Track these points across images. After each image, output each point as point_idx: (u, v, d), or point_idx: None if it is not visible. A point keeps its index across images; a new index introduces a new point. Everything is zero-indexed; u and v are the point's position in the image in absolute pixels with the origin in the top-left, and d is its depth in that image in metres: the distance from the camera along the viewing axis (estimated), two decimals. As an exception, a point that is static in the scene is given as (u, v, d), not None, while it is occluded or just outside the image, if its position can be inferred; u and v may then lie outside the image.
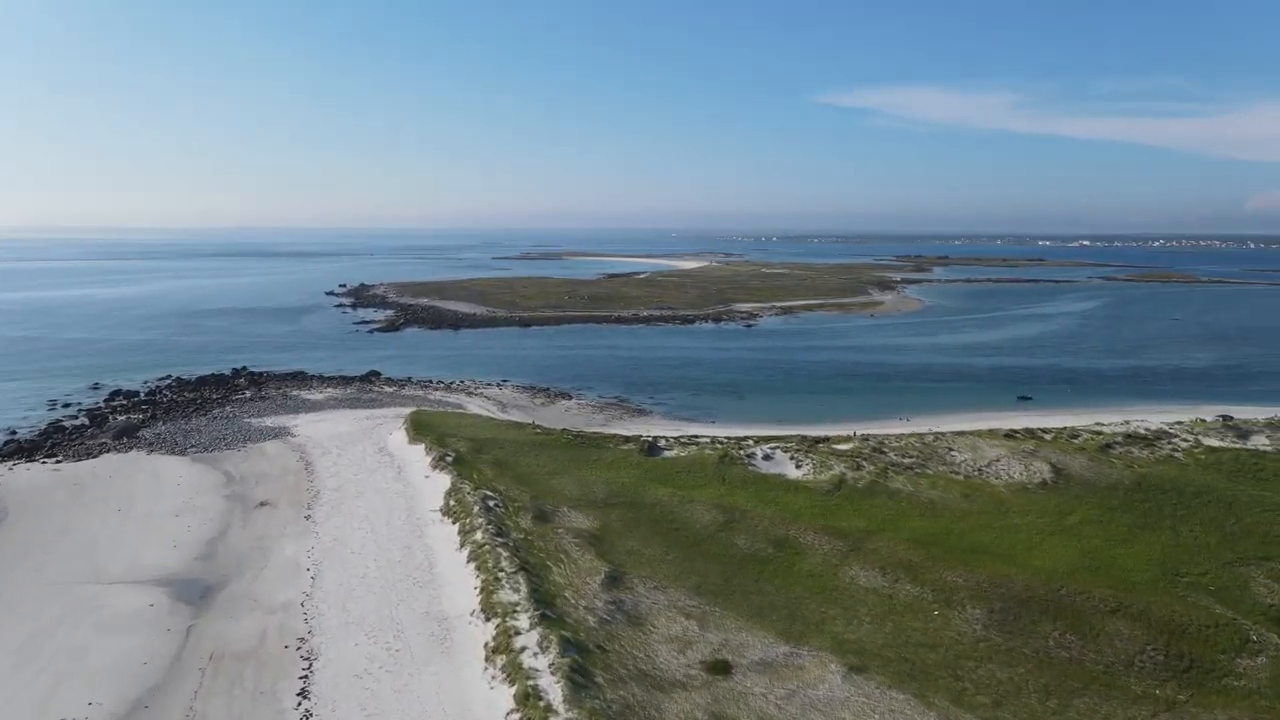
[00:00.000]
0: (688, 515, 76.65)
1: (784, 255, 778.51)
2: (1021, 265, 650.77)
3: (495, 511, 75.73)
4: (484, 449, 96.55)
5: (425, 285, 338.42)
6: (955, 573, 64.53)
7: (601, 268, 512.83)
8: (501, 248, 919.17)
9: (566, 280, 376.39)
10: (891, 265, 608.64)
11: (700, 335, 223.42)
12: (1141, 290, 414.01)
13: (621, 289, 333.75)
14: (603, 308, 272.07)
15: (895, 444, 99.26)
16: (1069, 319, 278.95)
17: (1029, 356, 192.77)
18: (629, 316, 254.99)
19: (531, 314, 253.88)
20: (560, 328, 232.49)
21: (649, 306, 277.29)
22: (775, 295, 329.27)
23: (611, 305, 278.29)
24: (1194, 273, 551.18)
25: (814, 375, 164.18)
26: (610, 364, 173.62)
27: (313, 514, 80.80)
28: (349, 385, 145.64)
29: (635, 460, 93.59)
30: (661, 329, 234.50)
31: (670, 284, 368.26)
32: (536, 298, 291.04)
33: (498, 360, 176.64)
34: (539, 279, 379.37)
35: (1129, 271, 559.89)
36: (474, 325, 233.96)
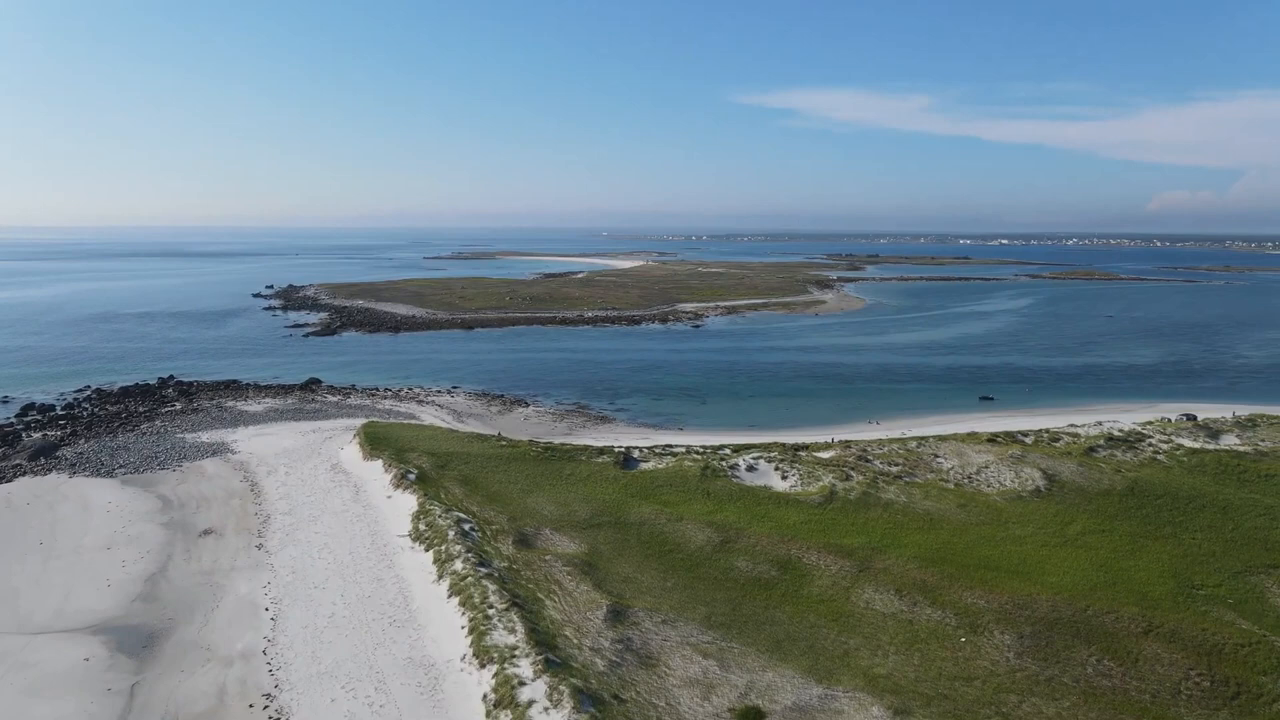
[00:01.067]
0: (679, 535, 71.57)
1: (717, 254, 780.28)
2: (949, 263, 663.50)
3: (472, 536, 69.48)
4: (448, 464, 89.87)
5: (359, 286, 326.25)
6: (974, 593, 60.85)
7: (537, 267, 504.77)
8: (431, 247, 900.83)
9: (505, 281, 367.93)
10: (825, 264, 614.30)
11: (650, 336, 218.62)
12: (1068, 288, 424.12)
13: (562, 289, 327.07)
14: (546, 309, 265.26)
15: (879, 451, 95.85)
16: (1009, 316, 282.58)
17: (982, 355, 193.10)
18: (574, 318, 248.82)
19: (474, 316, 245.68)
20: (506, 330, 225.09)
21: (593, 307, 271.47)
22: (717, 294, 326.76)
23: (555, 306, 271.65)
24: (1113, 270, 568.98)
25: (774, 377, 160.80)
26: (564, 368, 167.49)
27: (265, 542, 73.25)
28: (289, 395, 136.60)
29: (612, 474, 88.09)
30: (609, 330, 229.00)
31: (610, 284, 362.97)
32: (477, 299, 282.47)
33: (445, 365, 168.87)
34: (476, 279, 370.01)
35: (1053, 269, 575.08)
36: (414, 328, 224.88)
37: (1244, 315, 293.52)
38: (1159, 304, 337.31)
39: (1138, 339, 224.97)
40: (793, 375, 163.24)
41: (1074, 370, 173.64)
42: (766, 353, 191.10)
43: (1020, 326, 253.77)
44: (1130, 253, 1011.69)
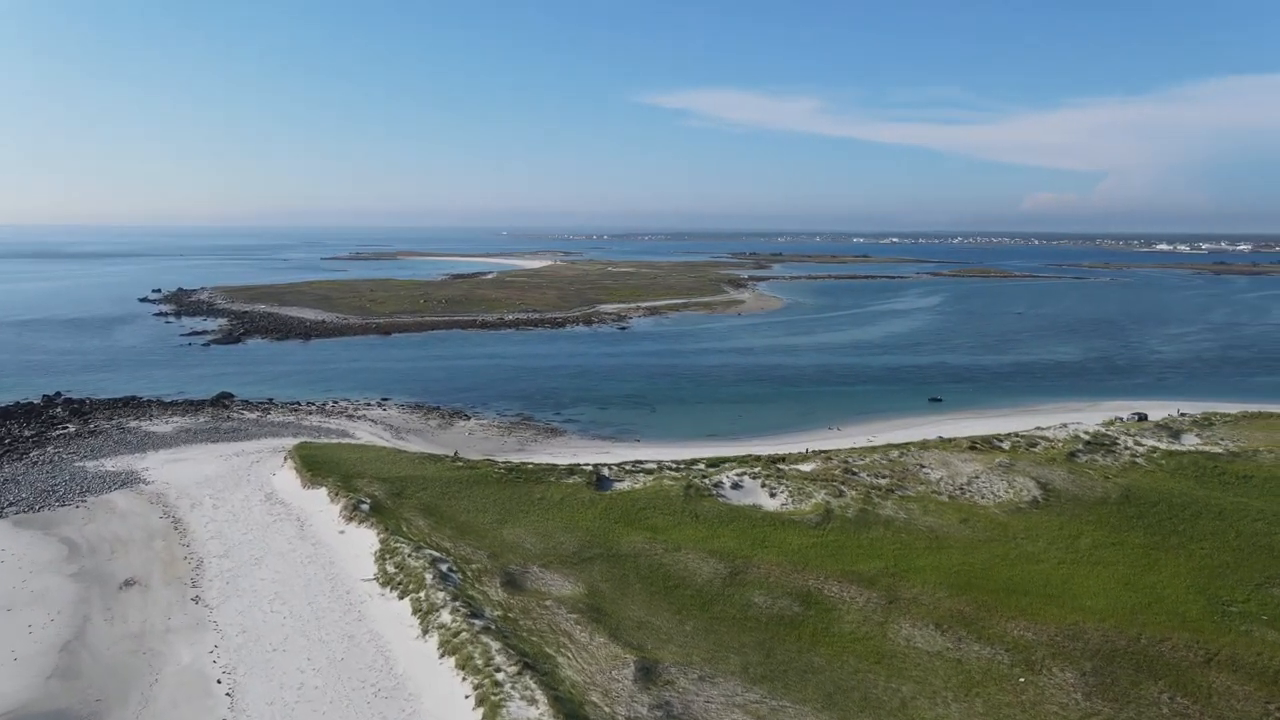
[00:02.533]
0: (682, 568, 64.94)
1: (623, 254, 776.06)
2: (850, 262, 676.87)
3: (452, 579, 61.15)
4: (404, 491, 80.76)
5: (258, 289, 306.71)
6: (1015, 624, 56.33)
7: (443, 268, 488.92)
8: (326, 247, 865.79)
9: (414, 282, 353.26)
10: (732, 263, 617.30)
11: (578, 339, 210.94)
12: (970, 285, 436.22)
13: (477, 291, 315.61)
14: (464, 311, 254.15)
15: (861, 462, 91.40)
16: (926, 314, 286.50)
17: (913, 354, 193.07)
18: (495, 321, 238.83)
19: (389, 320, 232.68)
20: (426, 335, 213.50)
21: (513, 309, 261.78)
22: (635, 295, 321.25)
23: (472, 309, 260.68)
24: (1006, 268, 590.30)
25: (718, 381, 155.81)
26: (497, 375, 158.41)
27: (202, 594, 63.03)
28: (199, 412, 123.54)
29: (587, 497, 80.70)
30: (534, 334, 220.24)
31: (524, 284, 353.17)
32: (388, 302, 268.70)
33: (368, 374, 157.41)
34: (383, 281, 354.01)
35: (951, 267, 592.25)
36: (327, 334, 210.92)
37: (1139, 311, 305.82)
38: (1058, 300, 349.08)
39: (1053, 336, 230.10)
40: (736, 379, 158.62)
41: (1006, 369, 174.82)
42: (702, 355, 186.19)
43: (940, 324, 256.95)
44: (1014, 250, 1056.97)
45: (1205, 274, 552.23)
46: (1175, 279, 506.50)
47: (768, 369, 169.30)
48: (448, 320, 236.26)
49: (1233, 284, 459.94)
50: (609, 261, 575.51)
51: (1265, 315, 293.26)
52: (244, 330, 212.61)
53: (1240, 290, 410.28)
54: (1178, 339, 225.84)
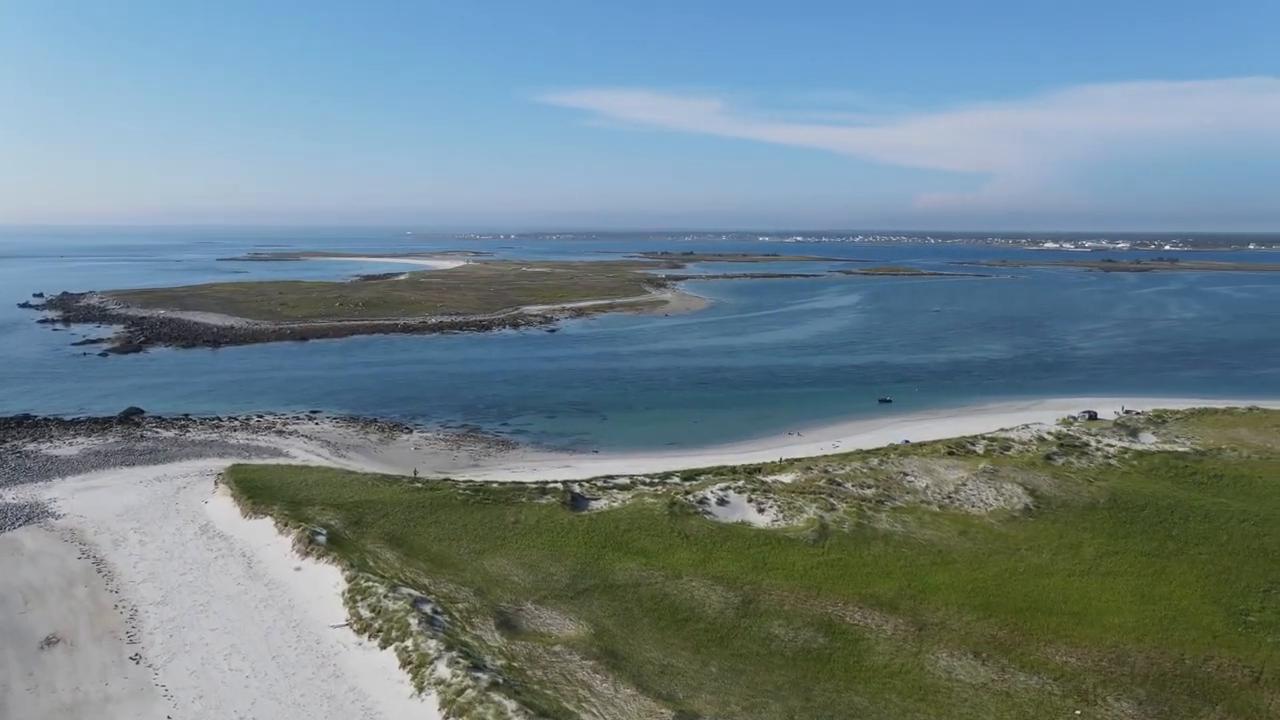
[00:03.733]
0: (688, 598, 59.83)
1: (535, 253, 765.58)
2: (761, 260, 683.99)
3: (439, 622, 54.47)
4: (362, 519, 73.14)
5: (155, 293, 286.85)
6: (1055, 648, 53.28)
7: (352, 269, 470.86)
8: (221, 248, 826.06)
9: (325, 284, 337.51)
10: (646, 262, 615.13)
11: (509, 343, 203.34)
12: (882, 283, 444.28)
13: (394, 293, 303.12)
14: (384, 315, 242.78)
15: (842, 471, 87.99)
16: (850, 313, 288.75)
17: (850, 354, 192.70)
18: (418, 324, 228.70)
19: (304, 325, 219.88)
20: (347, 341, 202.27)
21: (435, 312, 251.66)
22: (557, 296, 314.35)
23: (392, 312, 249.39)
24: (912, 266, 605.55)
25: (663, 386, 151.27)
26: (432, 383, 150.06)
27: (143, 651, 54.62)
28: (107, 431, 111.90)
29: (565, 519, 74.68)
30: (461, 338, 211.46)
31: (441, 286, 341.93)
32: (301, 306, 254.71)
33: (292, 384, 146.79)
34: (291, 283, 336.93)
35: (860, 266, 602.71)
36: (238, 341, 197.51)
37: (1047, 308, 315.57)
38: (970, 298, 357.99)
39: (977, 334, 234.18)
40: (681, 383, 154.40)
41: (944, 368, 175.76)
42: (641, 358, 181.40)
43: (866, 323, 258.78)
44: (914, 249, 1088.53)
45: (1096, 271, 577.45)
46: (1071, 276, 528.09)
47: (710, 371, 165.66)
48: (368, 324, 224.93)
49: (1124, 280, 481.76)
50: (523, 262, 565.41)
51: (1164, 310, 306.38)
52: (144, 338, 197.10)
53: (1133, 287, 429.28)
54: (1093, 335, 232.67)
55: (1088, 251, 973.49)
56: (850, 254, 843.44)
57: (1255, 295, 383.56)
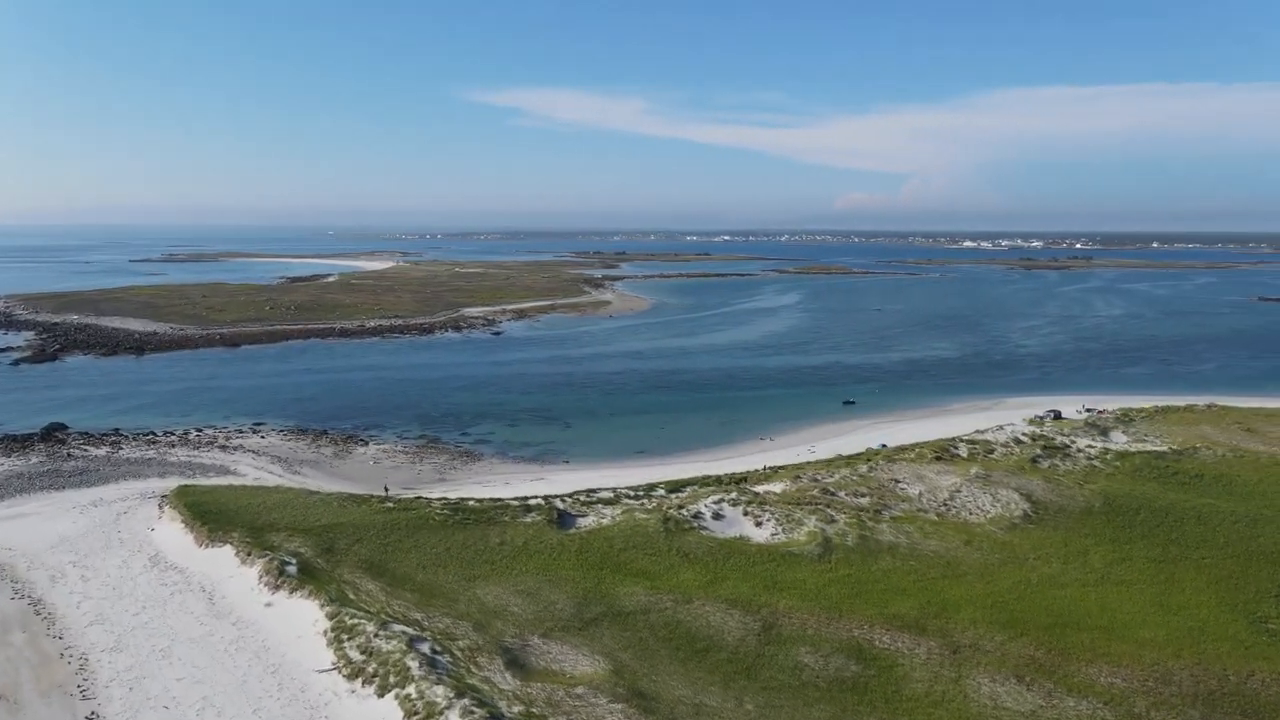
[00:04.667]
0: (703, 625, 55.89)
1: (465, 253, 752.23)
2: (694, 260, 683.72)
3: (441, 663, 49.37)
4: (334, 545, 67.17)
5: (66, 297, 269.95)
6: (1096, 668, 50.99)
7: (276, 270, 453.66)
8: (132, 248, 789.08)
9: (251, 286, 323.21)
10: (580, 262, 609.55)
11: (455, 348, 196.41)
12: (818, 282, 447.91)
13: (325, 295, 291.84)
14: (319, 318, 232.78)
15: (831, 479, 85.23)
16: (793, 313, 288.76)
17: (804, 355, 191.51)
18: (356, 328, 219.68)
19: (234, 330, 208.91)
20: (282, 346, 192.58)
21: (372, 315, 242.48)
22: (496, 297, 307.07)
23: (327, 315, 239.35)
24: (843, 264, 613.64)
25: (623, 390, 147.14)
26: (380, 390, 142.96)
27: (100, 710, 48.21)
28: (28, 450, 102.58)
29: (554, 539, 69.99)
30: (403, 342, 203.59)
31: (374, 288, 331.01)
32: (228, 309, 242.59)
33: (229, 394, 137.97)
34: (215, 285, 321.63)
35: (792, 265, 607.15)
36: (163, 347, 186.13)
37: (981, 305, 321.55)
38: (905, 296, 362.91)
39: (922, 332, 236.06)
40: (640, 387, 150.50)
41: (900, 368, 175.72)
42: (594, 361, 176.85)
43: (812, 322, 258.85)
44: (842, 248, 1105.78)
45: (1019, 270, 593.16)
46: (997, 274, 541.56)
47: (668, 374, 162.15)
48: (302, 329, 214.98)
49: (1046, 279, 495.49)
50: (455, 262, 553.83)
51: (1091, 308, 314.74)
52: (59, 345, 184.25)
53: (1057, 285, 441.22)
54: (1032, 333, 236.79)
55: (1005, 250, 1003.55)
56: (780, 253, 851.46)
57: (1171, 292, 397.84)
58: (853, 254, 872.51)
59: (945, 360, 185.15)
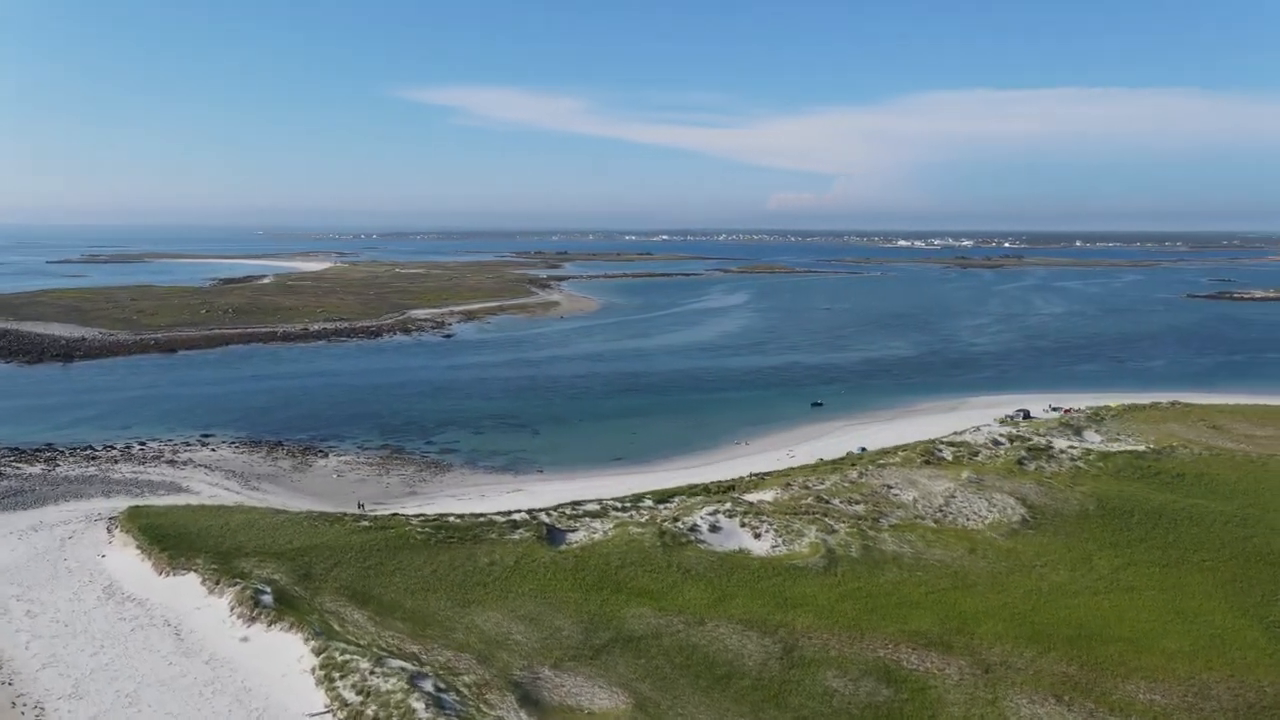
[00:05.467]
0: (720, 648, 52.77)
1: (403, 254, 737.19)
2: (637, 259, 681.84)
3: (447, 703, 45.28)
4: (311, 570, 62.26)
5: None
6: (1132, 684, 49.34)
7: (207, 272, 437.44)
8: (48, 249, 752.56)
9: (185, 289, 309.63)
10: (523, 262, 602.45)
11: (406, 351, 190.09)
12: (762, 281, 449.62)
13: (264, 298, 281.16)
14: (259, 322, 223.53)
15: (822, 486, 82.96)
16: (744, 312, 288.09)
17: (762, 355, 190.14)
18: (300, 332, 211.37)
19: (170, 335, 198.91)
20: (222, 351, 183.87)
21: (315, 318, 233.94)
22: (442, 298, 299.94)
23: (267, 318, 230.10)
24: (784, 264, 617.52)
25: (588, 394, 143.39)
26: (334, 397, 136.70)
27: (64, 768, 42.93)
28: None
29: (546, 558, 66.14)
30: (351, 346, 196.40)
31: (314, 289, 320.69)
32: (160, 313, 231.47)
33: (172, 404, 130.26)
34: (144, 288, 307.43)
35: (735, 264, 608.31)
36: (93, 354, 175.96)
37: (926, 304, 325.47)
38: (851, 295, 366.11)
39: (875, 331, 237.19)
40: (604, 390, 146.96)
41: (860, 367, 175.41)
42: (553, 364, 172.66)
43: (764, 322, 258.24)
44: (780, 247, 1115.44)
45: (955, 268, 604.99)
46: (934, 273, 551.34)
47: (631, 377, 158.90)
48: (242, 333, 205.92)
49: (982, 277, 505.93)
50: (395, 263, 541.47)
51: (1032, 306, 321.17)
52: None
53: (994, 283, 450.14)
54: (981, 331, 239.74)
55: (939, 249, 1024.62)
56: (719, 252, 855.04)
57: (1103, 290, 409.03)
58: (791, 253, 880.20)
59: (903, 359, 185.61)
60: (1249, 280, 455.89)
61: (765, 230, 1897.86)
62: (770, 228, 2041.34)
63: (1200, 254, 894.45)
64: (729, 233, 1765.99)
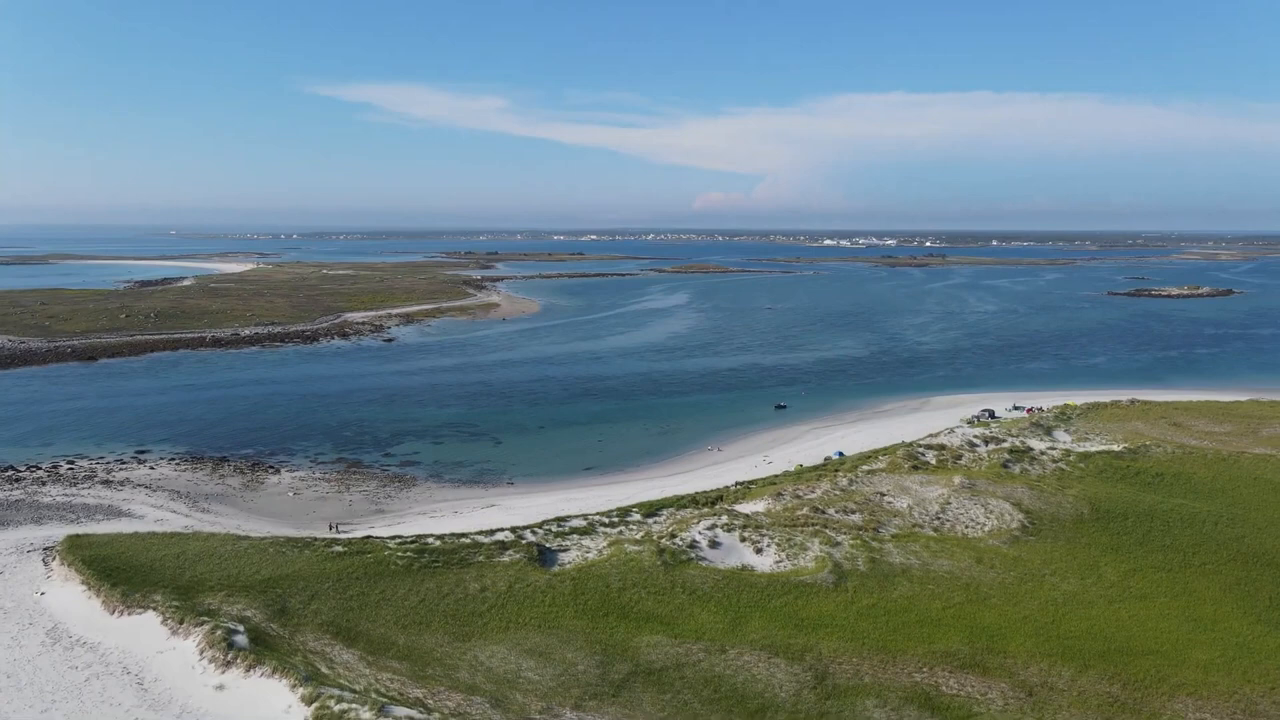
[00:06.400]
0: (748, 679, 49.24)
1: (327, 255, 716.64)
2: (570, 259, 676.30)
3: (466, 758, 40.66)
4: (287, 604, 56.59)
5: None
6: (1177, 701, 47.52)
7: (120, 274, 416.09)
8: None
9: (99, 293, 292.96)
10: (454, 262, 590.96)
11: (348, 357, 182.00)
12: (700, 281, 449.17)
13: (187, 301, 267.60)
14: (184, 327, 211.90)
15: (812, 495, 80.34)
16: (689, 313, 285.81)
17: (716, 356, 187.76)
18: (231, 337, 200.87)
19: (88, 341, 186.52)
20: (147, 359, 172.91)
21: (245, 322, 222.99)
22: (377, 301, 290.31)
23: (193, 323, 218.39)
24: (715, 263, 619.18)
25: (546, 399, 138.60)
26: (278, 407, 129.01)
27: None
28: None
29: (540, 581, 61.70)
30: (288, 351, 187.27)
31: (240, 292, 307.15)
32: (75, 318, 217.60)
33: (99, 417, 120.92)
34: (51, 291, 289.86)
35: (669, 264, 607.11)
36: (2, 364, 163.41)
37: (865, 303, 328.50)
38: (790, 294, 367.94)
39: (823, 331, 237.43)
40: (563, 395, 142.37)
41: (816, 368, 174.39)
42: (505, 368, 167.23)
43: (710, 323, 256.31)
44: (705, 246, 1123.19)
45: (884, 267, 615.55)
46: (865, 272, 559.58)
47: (588, 381, 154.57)
48: (168, 339, 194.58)
49: (912, 276, 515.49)
50: (321, 264, 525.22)
51: (967, 304, 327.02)
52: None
53: (924, 282, 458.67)
54: (925, 329, 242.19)
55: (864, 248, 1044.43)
56: (650, 252, 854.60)
57: (1029, 288, 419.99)
58: (721, 252, 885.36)
59: (857, 359, 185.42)
60: (1163, 278, 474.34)
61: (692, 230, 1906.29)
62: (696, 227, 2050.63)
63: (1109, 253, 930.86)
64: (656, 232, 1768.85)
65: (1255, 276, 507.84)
